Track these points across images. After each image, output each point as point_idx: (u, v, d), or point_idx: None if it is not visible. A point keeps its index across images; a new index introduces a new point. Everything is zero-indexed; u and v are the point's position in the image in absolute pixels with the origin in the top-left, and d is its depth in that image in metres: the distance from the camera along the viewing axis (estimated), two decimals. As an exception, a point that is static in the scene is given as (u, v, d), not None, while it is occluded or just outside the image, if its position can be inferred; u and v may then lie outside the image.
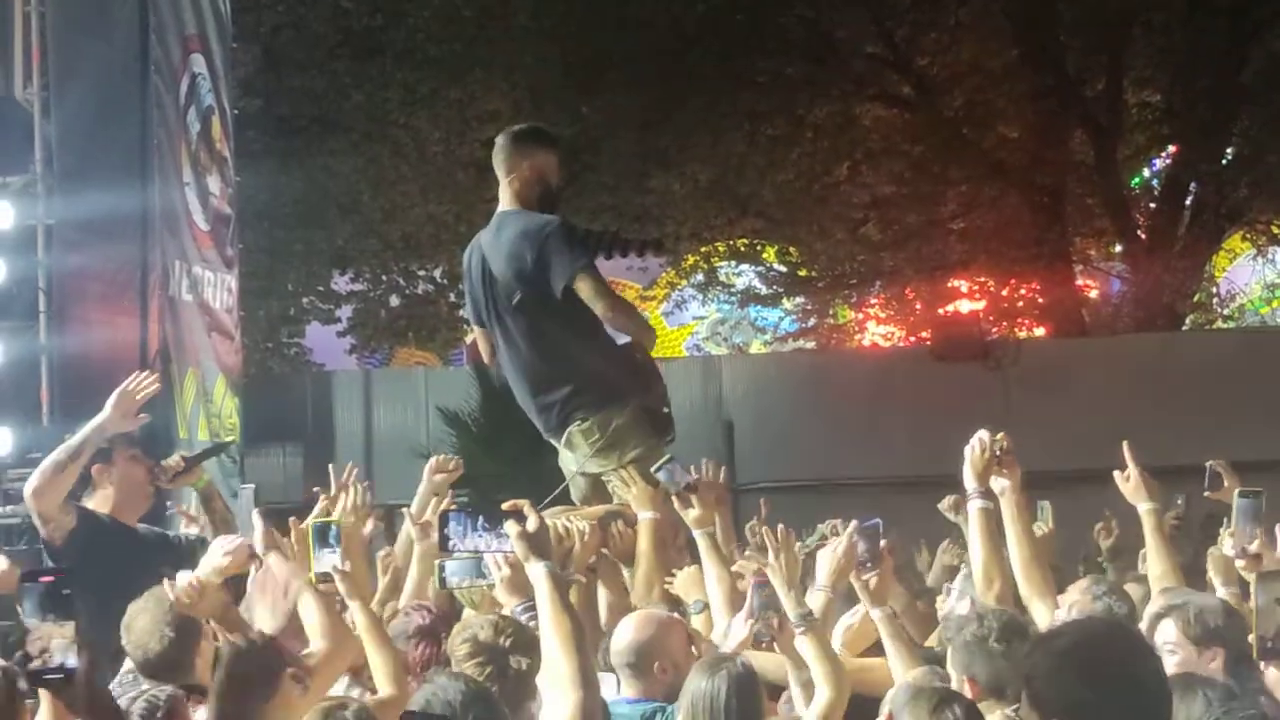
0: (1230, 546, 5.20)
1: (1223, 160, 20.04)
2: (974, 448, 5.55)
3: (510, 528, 4.49)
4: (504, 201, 6.55)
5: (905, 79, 20.59)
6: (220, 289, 12.01)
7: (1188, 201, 20.23)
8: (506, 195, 6.53)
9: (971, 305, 20.31)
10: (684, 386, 16.75)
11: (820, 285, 22.13)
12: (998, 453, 5.55)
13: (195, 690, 4.75)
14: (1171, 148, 20.98)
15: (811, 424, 17.61)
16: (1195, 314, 21.97)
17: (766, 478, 16.03)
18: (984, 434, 5.57)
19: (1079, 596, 5.53)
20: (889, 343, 22.42)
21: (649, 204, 20.29)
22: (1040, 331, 21.03)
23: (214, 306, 11.92)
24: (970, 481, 5.55)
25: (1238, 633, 4.81)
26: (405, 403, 18.11)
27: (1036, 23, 19.54)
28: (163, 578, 5.21)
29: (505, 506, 4.59)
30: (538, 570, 4.40)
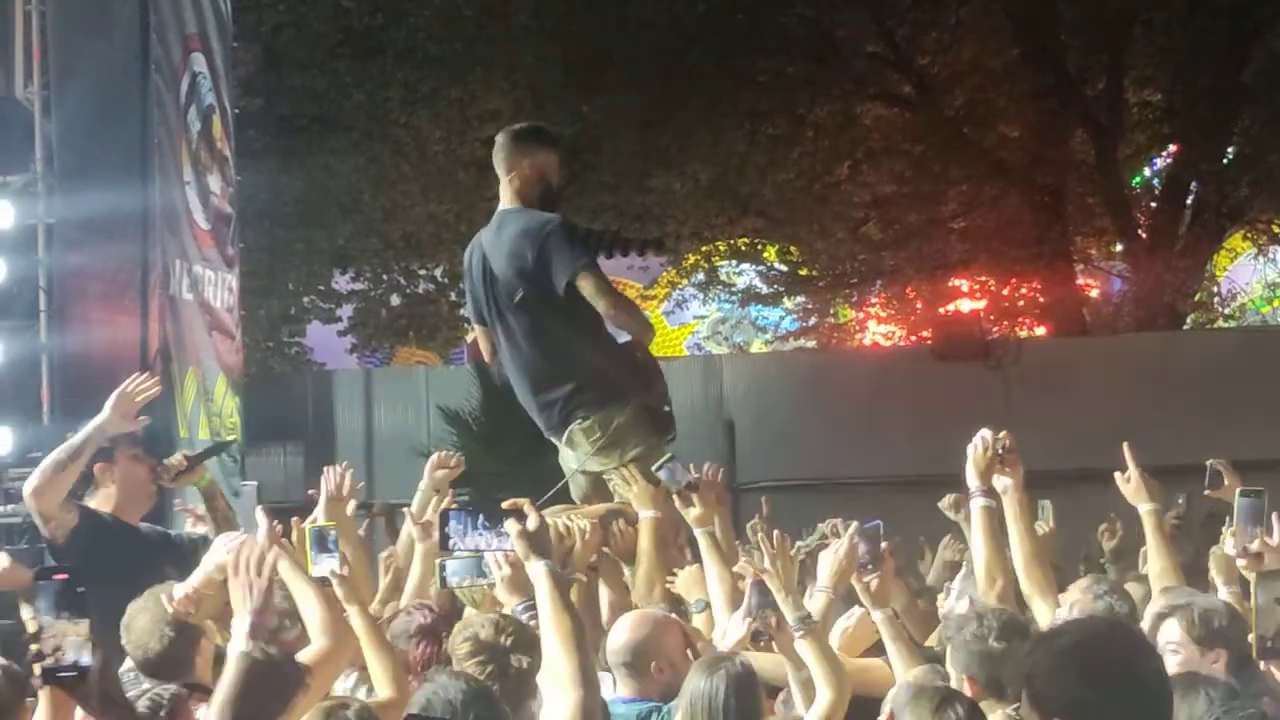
0: (1232, 546, 5.20)
1: (1224, 159, 20.02)
2: (977, 446, 5.56)
3: (510, 526, 4.48)
4: (505, 200, 6.54)
5: (906, 78, 20.57)
6: (221, 288, 12.01)
7: (1189, 201, 20.22)
8: (507, 194, 6.53)
9: (972, 304, 20.29)
10: (685, 386, 16.74)
11: (821, 284, 22.12)
12: (1000, 451, 5.55)
13: (197, 689, 4.75)
14: (1172, 147, 20.97)
15: (812, 423, 17.60)
16: (1196, 313, 21.96)
17: (767, 477, 16.02)
18: (987, 432, 5.57)
19: (1080, 596, 5.52)
20: (890, 342, 22.42)
21: (650, 203, 20.28)
22: (1041, 331, 21.03)
23: (215, 305, 11.92)
24: (973, 479, 5.55)
25: (1241, 633, 4.81)
26: (406, 402, 18.10)
27: (1037, 22, 19.53)
28: (165, 577, 5.21)
29: (505, 505, 4.59)
30: (538, 569, 4.40)
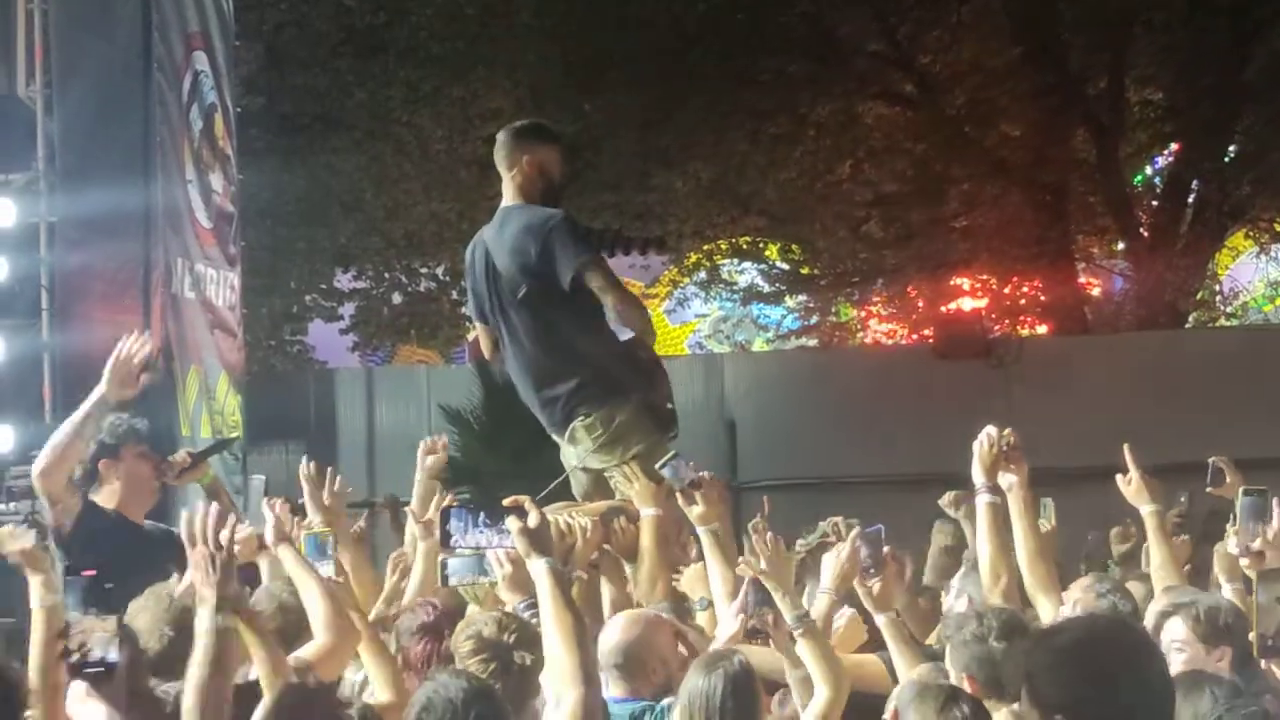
0: (1235, 545, 5.20)
1: (1225, 158, 20.02)
2: (982, 443, 5.57)
3: (511, 524, 4.48)
4: (507, 197, 6.54)
5: (907, 77, 20.56)
6: (223, 286, 12.00)
7: (1190, 199, 20.21)
8: (509, 191, 6.52)
9: (974, 303, 20.29)
10: (686, 384, 16.72)
11: (823, 283, 22.13)
12: (1005, 448, 5.56)
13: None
14: (1174, 145, 20.96)
15: (814, 422, 17.60)
16: (1198, 312, 21.96)
17: (768, 476, 16.01)
18: (992, 429, 5.59)
19: (1082, 594, 5.52)
20: (891, 341, 22.42)
21: (651, 202, 20.28)
22: (1043, 329, 21.03)
23: (216, 304, 11.92)
24: (978, 476, 5.56)
25: (1245, 631, 4.81)
26: (407, 400, 18.09)
27: (1038, 21, 19.52)
28: (168, 574, 5.21)
29: (506, 502, 4.59)
30: (539, 566, 4.40)
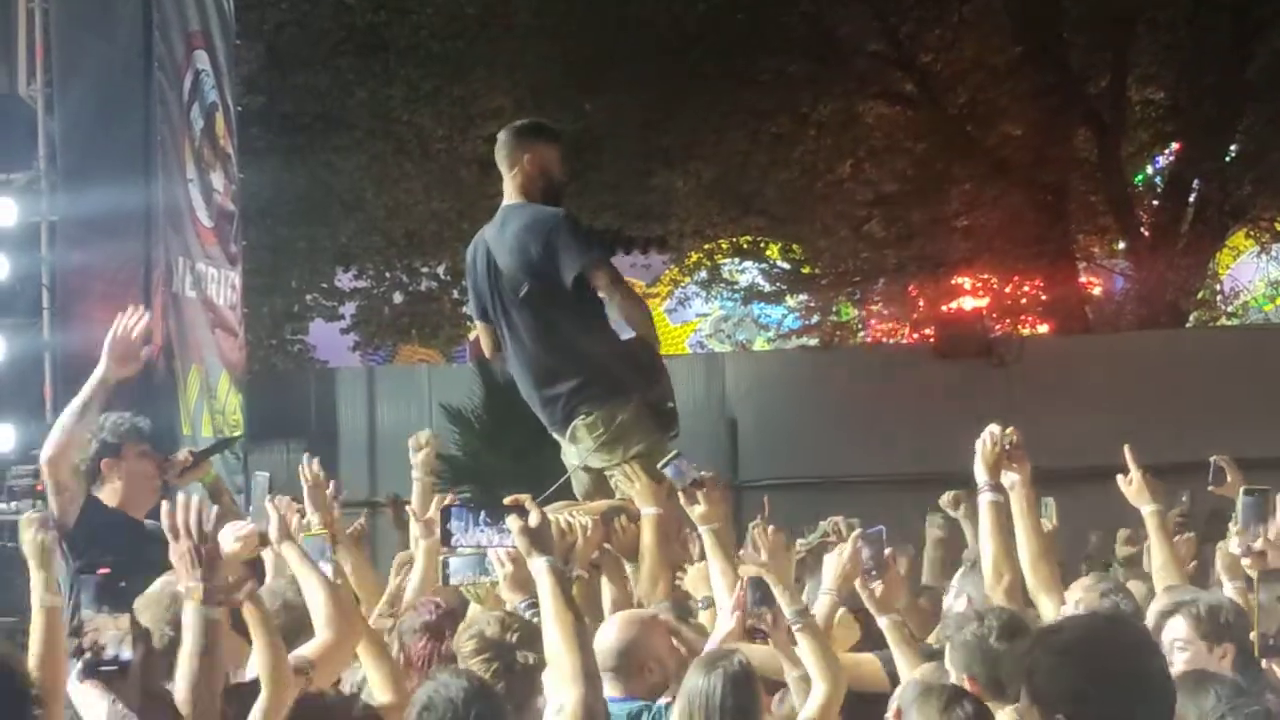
0: (1237, 545, 5.20)
1: (1226, 157, 20.03)
2: (985, 441, 5.57)
3: (512, 522, 4.48)
4: (508, 196, 6.54)
5: (908, 76, 20.56)
6: (224, 286, 12.00)
7: (1191, 199, 20.23)
8: (511, 190, 6.52)
9: (975, 302, 20.29)
10: (687, 384, 16.73)
11: (823, 282, 22.11)
12: (1008, 447, 5.56)
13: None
14: (1175, 145, 20.97)
15: (815, 421, 17.60)
16: (1199, 311, 21.96)
17: (769, 475, 16.02)
18: (995, 428, 5.59)
19: (1083, 594, 5.52)
20: (892, 340, 22.41)
21: (652, 201, 20.29)
22: (1044, 329, 21.03)
23: (217, 303, 11.92)
24: (981, 475, 5.56)
25: (1246, 628, 4.81)
26: (408, 399, 18.10)
27: (1040, 20, 19.52)
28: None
29: (507, 501, 4.59)
30: (539, 565, 4.40)
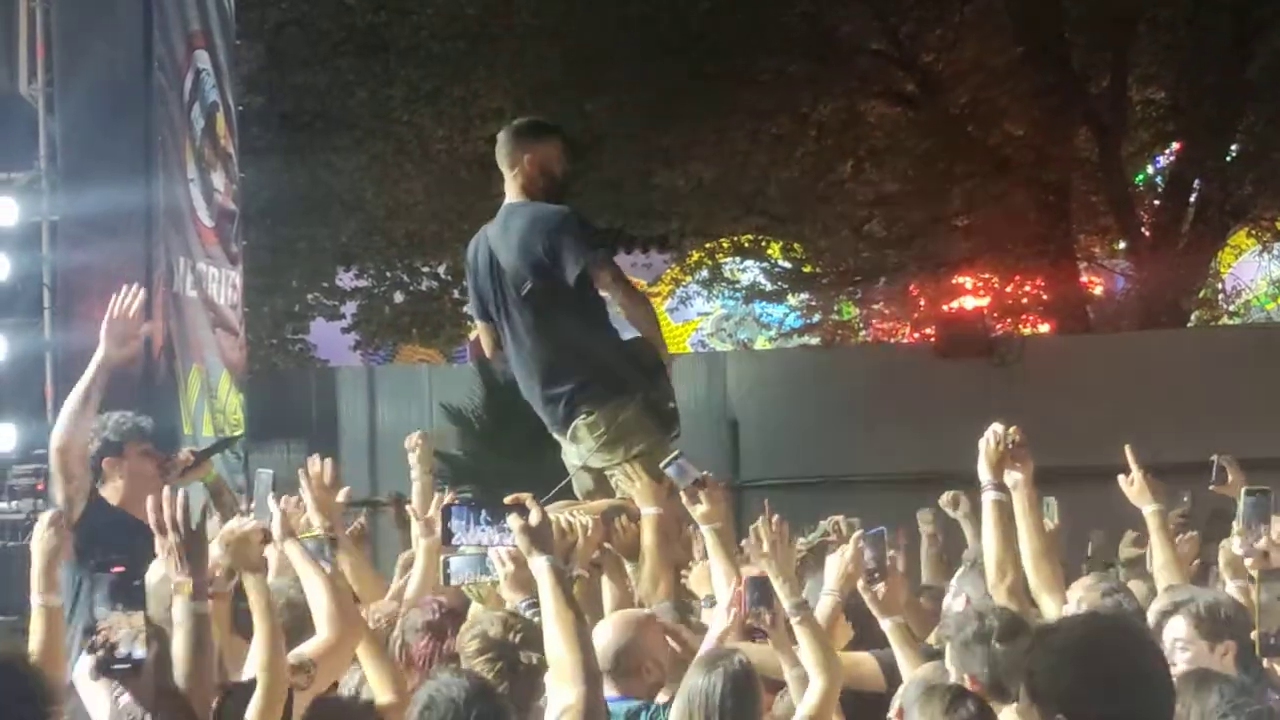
0: (1239, 545, 5.19)
1: (1227, 157, 20.02)
2: (989, 440, 5.57)
3: (513, 521, 4.48)
4: (510, 195, 6.52)
5: (909, 76, 20.56)
6: (224, 285, 12.01)
7: (1192, 198, 20.22)
8: (512, 189, 6.51)
9: (976, 302, 20.29)
10: (688, 383, 16.72)
11: (825, 282, 22.12)
12: (1011, 445, 5.56)
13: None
14: (1176, 144, 20.96)
15: (816, 420, 17.60)
16: (1200, 311, 21.96)
17: (770, 474, 16.03)
18: (998, 426, 5.58)
19: (1085, 593, 5.52)
20: (893, 339, 22.41)
21: (653, 201, 20.28)
22: (1045, 328, 21.02)
23: (218, 303, 11.93)
24: (984, 473, 5.56)
25: (1247, 625, 4.81)
26: (409, 399, 18.10)
27: (1041, 20, 19.51)
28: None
29: (508, 500, 4.59)
30: (540, 564, 4.40)
